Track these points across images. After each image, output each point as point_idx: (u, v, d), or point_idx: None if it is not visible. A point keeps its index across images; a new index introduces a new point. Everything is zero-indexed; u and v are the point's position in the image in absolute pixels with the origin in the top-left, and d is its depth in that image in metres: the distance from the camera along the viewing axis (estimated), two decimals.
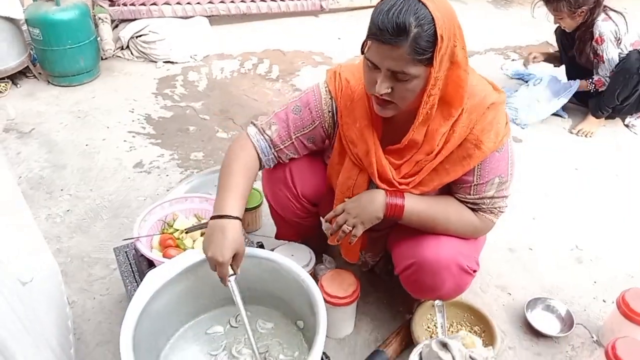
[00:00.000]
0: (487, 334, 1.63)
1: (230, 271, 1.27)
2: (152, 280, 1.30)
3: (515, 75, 3.50)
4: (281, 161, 1.53)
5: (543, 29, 3.76)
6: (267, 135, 1.46)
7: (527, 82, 3.25)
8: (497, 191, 1.40)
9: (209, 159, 2.57)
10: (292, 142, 1.48)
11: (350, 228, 1.40)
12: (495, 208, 1.43)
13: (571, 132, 2.93)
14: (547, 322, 1.76)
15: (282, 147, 1.48)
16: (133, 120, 2.89)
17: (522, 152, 2.73)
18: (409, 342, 1.65)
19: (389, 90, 1.22)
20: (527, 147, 2.80)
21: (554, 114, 3.03)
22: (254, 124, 1.50)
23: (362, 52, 1.24)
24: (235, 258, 1.27)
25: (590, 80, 2.85)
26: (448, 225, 1.42)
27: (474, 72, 1.35)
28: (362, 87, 1.38)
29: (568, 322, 1.74)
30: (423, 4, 1.14)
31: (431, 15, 1.14)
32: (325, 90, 1.46)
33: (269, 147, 1.47)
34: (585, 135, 2.88)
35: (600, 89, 2.83)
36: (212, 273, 1.35)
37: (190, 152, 2.62)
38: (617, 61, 2.71)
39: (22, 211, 1.43)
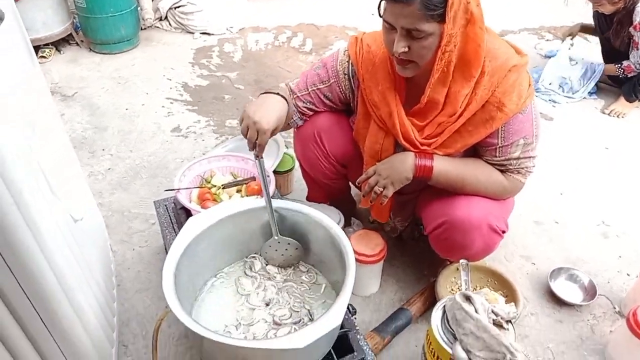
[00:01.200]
0: (510, 299, 1.67)
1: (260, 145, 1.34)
2: (193, 226, 1.37)
3: (550, 54, 3.47)
4: (300, 111, 1.60)
5: (578, 9, 3.74)
6: (289, 85, 1.59)
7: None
8: (523, 152, 1.43)
9: None
10: (309, 93, 1.57)
11: (382, 189, 1.46)
12: (523, 168, 1.46)
13: (603, 112, 2.91)
14: (570, 291, 1.80)
15: (299, 94, 1.57)
16: (171, 88, 2.98)
17: (553, 129, 2.74)
18: (432, 303, 1.70)
19: (406, 49, 1.26)
20: (558, 124, 2.80)
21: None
22: (285, 83, 1.62)
23: (380, 15, 1.29)
24: (273, 132, 1.35)
25: (619, 65, 2.83)
26: (477, 185, 1.46)
27: (496, 36, 1.38)
28: (384, 51, 1.43)
29: (591, 292, 1.77)
30: None
31: None
32: (344, 54, 1.54)
33: (289, 93, 1.56)
34: (618, 116, 2.85)
35: (629, 75, 2.81)
36: (250, 222, 1.43)
37: (225, 119, 2.70)
38: None
39: (73, 161, 1.52)
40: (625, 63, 2.81)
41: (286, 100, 1.42)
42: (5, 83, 0.99)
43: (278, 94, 1.41)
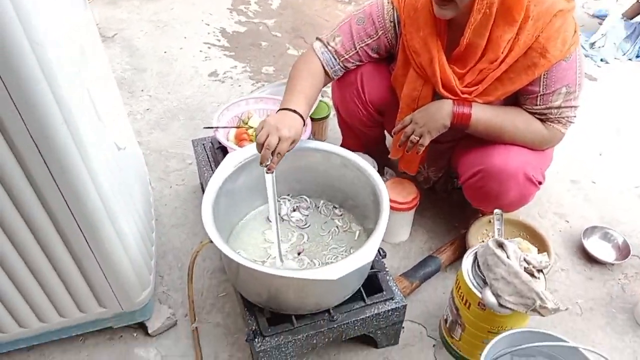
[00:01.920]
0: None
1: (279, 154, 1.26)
2: (231, 162, 1.40)
3: (598, 14, 3.33)
4: (347, 69, 1.56)
5: None
6: (332, 46, 1.50)
7: None
8: (565, 101, 1.39)
9: (279, 73, 2.64)
10: (357, 52, 1.52)
11: (418, 138, 1.45)
12: (563, 118, 1.42)
13: None
14: (602, 249, 1.78)
15: (346, 56, 1.52)
16: (209, 33, 2.98)
17: (596, 90, 2.65)
18: (462, 253, 1.71)
19: None
20: (601, 85, 2.70)
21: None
22: (319, 39, 1.53)
23: None
24: (291, 146, 1.29)
25: None
26: (515, 134, 1.44)
27: None
28: None
29: (624, 252, 1.75)
30: None
31: None
32: (388, 2, 1.48)
33: (334, 58, 1.51)
34: None
35: None
36: (285, 162, 1.44)
37: (261, 66, 2.70)
38: None
39: (116, 94, 1.55)
40: None
41: (302, 117, 1.33)
42: (58, 5, 1.00)
43: (296, 112, 1.33)
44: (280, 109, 1.36)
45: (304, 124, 1.35)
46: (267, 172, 1.27)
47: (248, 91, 2.50)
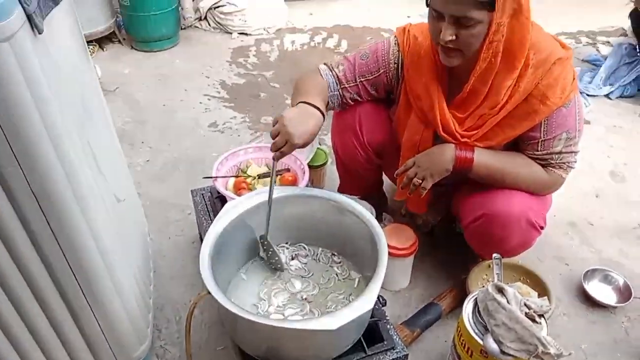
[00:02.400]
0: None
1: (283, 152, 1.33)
2: (229, 211, 1.41)
3: (588, 59, 3.42)
4: (344, 101, 1.59)
5: (615, 15, 3.69)
6: (335, 72, 1.55)
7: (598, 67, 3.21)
8: (565, 147, 1.42)
9: None
10: (357, 84, 1.56)
11: (420, 180, 1.46)
12: (564, 163, 1.44)
13: None
14: (604, 292, 1.77)
15: (346, 85, 1.56)
16: (209, 85, 3.06)
17: (590, 132, 2.68)
18: (462, 299, 1.68)
19: (454, 37, 1.26)
20: (595, 128, 2.75)
21: (624, 96, 3.01)
22: (325, 63, 1.59)
23: (427, 4, 1.30)
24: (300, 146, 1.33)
25: None
26: (517, 179, 1.45)
27: (540, 29, 1.38)
28: (429, 43, 1.44)
29: (625, 294, 1.74)
30: None
31: None
32: (394, 42, 1.53)
33: (336, 83, 1.55)
34: None
35: None
36: (283, 208, 1.46)
37: (260, 116, 2.75)
38: None
39: (117, 147, 1.58)
40: None
41: (322, 112, 1.38)
42: (61, 61, 1.04)
43: (317, 107, 1.37)
44: (303, 101, 1.37)
45: (324, 119, 1.38)
46: (272, 159, 1.35)
47: (247, 141, 2.54)
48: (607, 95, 3.01)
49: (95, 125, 1.27)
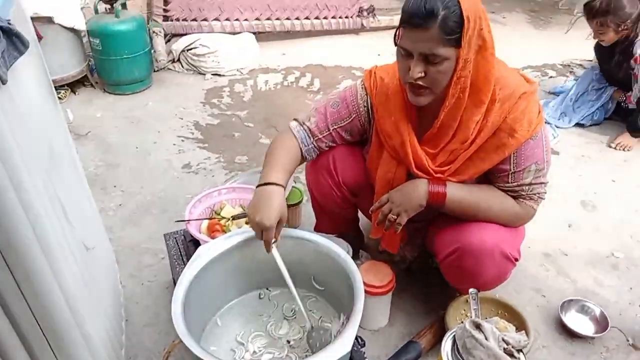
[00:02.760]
0: (520, 331, 1.66)
1: (273, 238, 1.35)
2: (202, 255, 1.39)
3: (553, 91, 3.53)
4: (320, 150, 1.61)
5: (579, 48, 3.85)
6: (306, 125, 1.57)
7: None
8: (535, 178, 1.44)
9: (252, 162, 2.69)
10: (330, 133, 1.58)
11: (395, 217, 1.47)
12: (535, 194, 1.46)
13: (610, 146, 2.93)
14: (581, 323, 1.77)
15: (320, 136, 1.58)
16: (182, 126, 3.05)
17: (560, 162, 2.75)
18: (442, 335, 1.67)
19: (422, 75, 1.29)
20: (564, 158, 2.81)
21: (592, 124, 3.11)
22: (295, 119, 1.61)
23: (395, 43, 1.33)
24: (279, 224, 1.36)
25: (623, 91, 2.99)
26: (490, 212, 1.46)
27: (505, 65, 1.43)
28: (396, 83, 1.47)
29: (602, 324, 1.75)
30: None
31: None
32: (362, 87, 1.57)
33: (308, 136, 1.57)
34: (624, 149, 2.87)
35: (629, 105, 2.94)
36: (258, 251, 1.44)
37: (235, 156, 2.75)
38: None
39: (87, 194, 1.56)
40: (629, 93, 2.92)
41: (281, 185, 1.41)
42: (27, 110, 1.03)
43: (275, 183, 1.40)
44: (258, 185, 1.41)
45: (284, 188, 1.40)
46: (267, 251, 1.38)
47: (222, 181, 2.53)
48: (578, 123, 3.10)
49: (63, 174, 1.25)
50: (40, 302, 1.02)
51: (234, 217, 1.75)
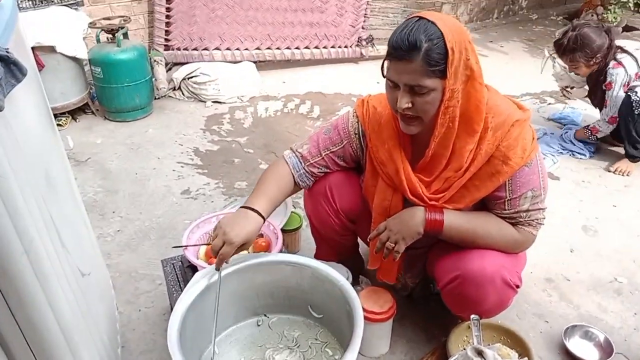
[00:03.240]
0: (523, 358, 1.63)
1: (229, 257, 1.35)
2: (199, 281, 1.38)
3: (552, 117, 3.54)
4: (314, 176, 1.62)
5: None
6: (299, 152, 1.60)
7: (564, 124, 3.35)
8: (532, 204, 1.43)
9: (252, 188, 2.66)
10: (322, 157, 1.59)
11: (393, 245, 1.46)
12: (533, 220, 1.45)
13: (609, 171, 2.92)
14: (585, 349, 1.74)
15: (312, 161, 1.59)
16: (182, 153, 3.06)
17: (560, 188, 2.75)
18: None
19: (410, 105, 1.31)
20: (564, 183, 2.81)
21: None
22: (290, 148, 1.64)
23: (383, 75, 1.35)
24: (240, 248, 1.36)
25: (587, 127, 3.02)
26: (489, 238, 1.45)
27: (497, 92, 1.43)
28: (389, 112, 1.49)
29: (607, 350, 1.71)
30: (432, 23, 1.25)
31: (440, 31, 1.24)
32: (353, 115, 1.59)
33: (300, 162, 1.59)
34: (623, 174, 2.87)
35: (598, 136, 2.98)
36: (256, 277, 1.43)
37: (234, 182, 2.75)
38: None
39: (84, 220, 1.55)
40: (591, 125, 2.98)
41: (261, 215, 1.42)
42: (24, 137, 1.03)
43: (257, 212, 1.41)
44: (244, 206, 1.43)
45: (263, 222, 1.42)
46: (215, 269, 1.37)
47: (221, 206, 2.52)
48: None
49: (59, 200, 1.24)
50: (33, 328, 1.01)
51: None
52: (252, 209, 1.41)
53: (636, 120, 2.71)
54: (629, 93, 2.70)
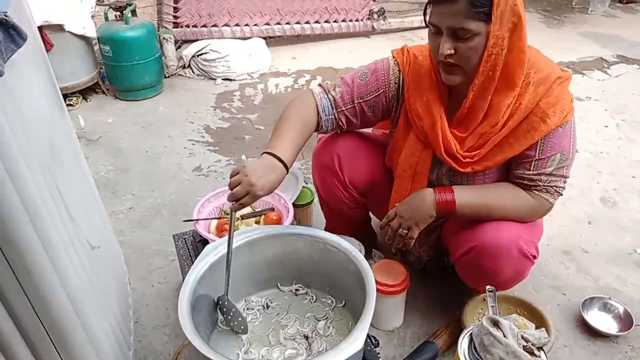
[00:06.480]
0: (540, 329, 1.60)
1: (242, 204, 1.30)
2: (209, 254, 1.36)
3: None
4: (340, 123, 1.53)
5: (593, 47, 3.76)
6: (332, 95, 1.50)
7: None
8: (557, 168, 1.39)
9: None
10: (354, 106, 1.50)
11: (406, 231, 1.43)
12: (552, 187, 1.41)
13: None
14: (604, 321, 1.71)
15: (343, 108, 1.50)
16: (193, 130, 3.04)
17: (578, 159, 2.66)
18: (459, 335, 1.62)
19: (452, 51, 1.25)
20: (582, 154, 2.74)
21: None
22: (320, 85, 1.54)
23: (426, 23, 1.30)
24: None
25: None
26: (503, 209, 1.41)
27: (539, 51, 1.38)
28: (429, 62, 1.42)
29: (626, 322, 1.68)
30: None
31: None
32: (394, 63, 1.50)
33: (332, 106, 1.50)
34: None
35: None
36: (267, 249, 1.41)
37: (245, 158, 2.73)
38: None
39: (94, 195, 1.54)
40: None
41: (286, 166, 1.33)
42: (27, 107, 1.01)
43: (282, 162, 1.33)
44: (264, 152, 1.34)
45: (287, 173, 1.34)
46: (230, 210, 1.30)
47: None
48: None
49: (66, 172, 1.23)
50: (43, 300, 0.99)
51: (243, 217, 1.72)
52: (279, 158, 1.33)
53: None
54: None
